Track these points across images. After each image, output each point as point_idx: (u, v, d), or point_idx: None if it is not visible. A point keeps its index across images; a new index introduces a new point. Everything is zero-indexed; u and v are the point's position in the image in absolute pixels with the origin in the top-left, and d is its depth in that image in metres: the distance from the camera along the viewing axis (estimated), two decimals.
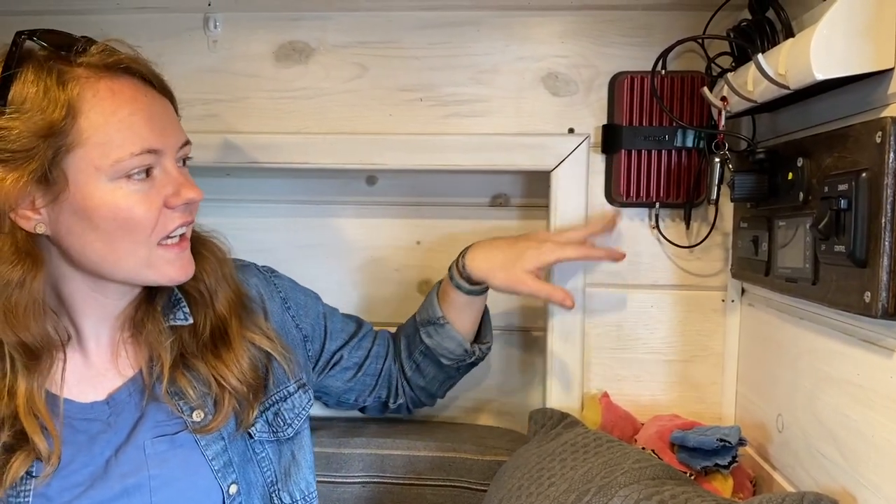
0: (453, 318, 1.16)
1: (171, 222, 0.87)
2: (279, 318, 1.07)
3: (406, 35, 1.24)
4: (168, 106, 0.92)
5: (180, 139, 0.90)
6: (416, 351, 1.19)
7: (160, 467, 0.92)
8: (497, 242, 1.15)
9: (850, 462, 0.83)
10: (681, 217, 1.22)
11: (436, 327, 1.16)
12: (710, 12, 1.12)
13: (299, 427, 1.04)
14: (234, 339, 0.97)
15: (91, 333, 0.94)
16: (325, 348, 1.14)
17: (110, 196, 0.83)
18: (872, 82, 0.78)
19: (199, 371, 0.95)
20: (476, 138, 1.23)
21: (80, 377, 0.93)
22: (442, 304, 1.17)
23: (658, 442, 1.12)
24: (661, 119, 1.18)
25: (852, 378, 0.83)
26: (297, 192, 1.38)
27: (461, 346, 1.17)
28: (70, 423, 0.90)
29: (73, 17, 1.23)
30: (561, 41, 1.22)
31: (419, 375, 1.21)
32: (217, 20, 1.24)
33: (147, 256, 0.87)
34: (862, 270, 0.75)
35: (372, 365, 1.19)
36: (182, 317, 0.96)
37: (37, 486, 0.86)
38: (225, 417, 0.94)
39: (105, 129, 0.82)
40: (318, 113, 1.26)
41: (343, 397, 1.20)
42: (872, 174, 0.74)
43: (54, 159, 0.80)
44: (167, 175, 0.87)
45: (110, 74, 0.85)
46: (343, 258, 1.39)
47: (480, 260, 1.13)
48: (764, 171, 0.98)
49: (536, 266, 1.12)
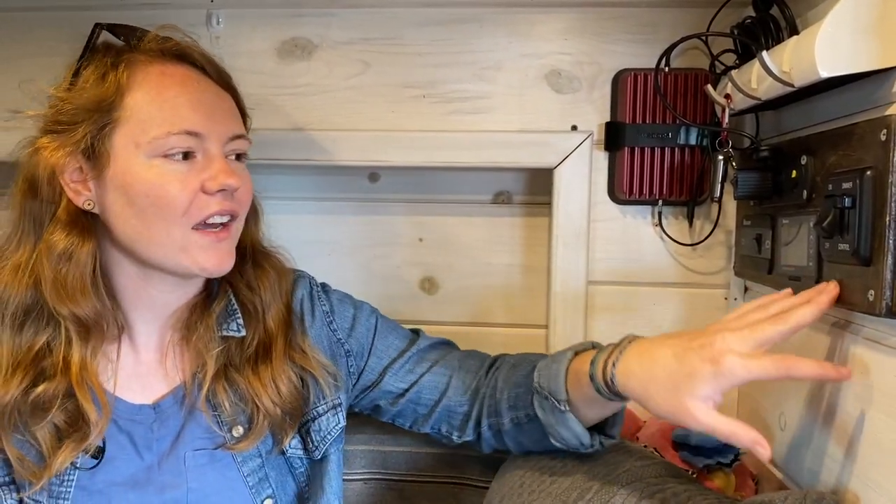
0: (579, 407, 0.91)
1: (207, 207, 0.87)
2: (318, 333, 1.04)
3: (409, 32, 1.24)
4: (224, 97, 0.93)
5: (230, 130, 0.90)
6: (523, 412, 0.98)
7: (199, 481, 0.92)
8: (661, 351, 0.81)
9: (854, 461, 0.83)
10: (684, 215, 1.22)
11: (552, 409, 0.92)
12: (715, 9, 1.11)
13: (327, 450, 1.01)
14: (276, 358, 0.96)
15: (142, 329, 0.95)
16: (367, 365, 1.06)
17: (146, 172, 0.84)
18: (877, 80, 0.78)
19: (238, 385, 0.94)
20: (479, 135, 1.23)
21: (130, 375, 0.94)
22: (570, 387, 0.91)
23: (660, 440, 1.12)
24: (664, 116, 1.18)
25: (856, 377, 0.83)
26: (298, 189, 1.38)
27: (577, 438, 0.93)
28: (115, 421, 0.91)
29: (75, 14, 1.24)
30: (564, 38, 1.22)
31: (517, 433, 1.00)
32: (220, 16, 1.24)
33: (181, 239, 0.86)
34: (866, 269, 0.75)
35: (425, 395, 1.05)
36: (235, 328, 0.96)
37: (80, 478, 0.88)
38: (258, 436, 0.94)
39: (148, 108, 0.85)
40: (320, 109, 1.26)
41: (397, 420, 1.09)
42: (877, 172, 0.74)
43: (100, 134, 0.84)
44: (209, 160, 0.87)
45: (164, 59, 0.89)
46: (345, 255, 1.39)
47: (636, 380, 0.82)
48: (767, 169, 0.98)
49: (712, 391, 0.77)
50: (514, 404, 0.99)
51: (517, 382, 1.00)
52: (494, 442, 1.04)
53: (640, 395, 0.82)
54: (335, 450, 1.02)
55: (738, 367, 0.74)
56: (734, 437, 0.76)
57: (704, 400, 0.76)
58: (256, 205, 1.02)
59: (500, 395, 1.00)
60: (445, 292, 1.38)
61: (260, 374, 0.95)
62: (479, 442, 1.05)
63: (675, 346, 0.80)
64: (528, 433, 0.99)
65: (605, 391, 0.86)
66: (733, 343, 0.76)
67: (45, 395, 0.86)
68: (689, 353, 0.78)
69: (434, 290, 1.38)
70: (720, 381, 0.75)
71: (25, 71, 1.23)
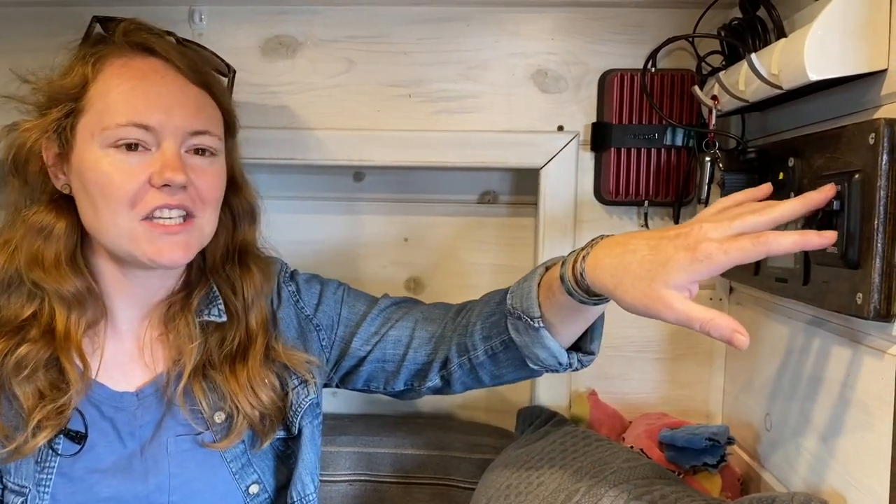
0: (553, 322, 0.90)
1: (152, 201, 0.87)
2: (286, 314, 1.04)
3: (395, 30, 1.23)
4: (192, 92, 0.91)
5: (190, 125, 0.89)
6: (497, 340, 0.96)
7: (181, 467, 0.93)
8: (634, 241, 0.79)
9: (840, 462, 0.83)
10: (670, 215, 1.22)
11: (527, 327, 0.90)
12: (701, 10, 1.12)
13: (300, 424, 0.99)
14: (254, 359, 0.96)
15: (124, 318, 0.96)
16: (337, 336, 1.06)
17: (98, 162, 0.86)
18: (865, 83, 0.79)
19: (215, 383, 0.95)
20: (465, 135, 1.23)
21: (113, 363, 0.94)
22: (543, 300, 0.89)
23: (646, 440, 1.13)
24: (650, 117, 1.18)
25: (842, 378, 0.83)
26: (283, 188, 1.37)
27: (554, 357, 0.91)
28: (98, 408, 0.92)
29: (56, 9, 1.22)
30: (551, 38, 1.22)
31: (493, 364, 0.99)
32: (202, 13, 1.22)
33: (128, 229, 0.87)
34: (854, 272, 0.75)
35: (389, 351, 1.04)
36: (217, 313, 0.97)
37: (61, 465, 0.89)
38: (237, 437, 0.94)
39: (105, 99, 0.87)
40: (304, 108, 1.25)
41: (371, 385, 1.08)
42: (865, 176, 0.74)
43: (67, 121, 0.88)
44: (161, 155, 0.87)
45: (131, 52, 0.91)
46: (329, 255, 1.38)
47: (606, 270, 0.79)
48: (754, 171, 0.98)
49: (689, 279, 0.74)
50: (488, 334, 0.97)
51: (490, 311, 0.98)
52: (468, 379, 1.02)
53: (610, 287, 0.78)
54: (308, 423, 1.00)
55: (716, 250, 0.71)
56: (712, 325, 0.71)
57: (679, 289, 0.73)
58: (253, 206, 1.03)
59: (473, 329, 0.98)
60: (431, 292, 1.37)
61: (237, 374, 0.95)
62: (448, 385, 1.04)
63: (649, 236, 0.78)
64: (503, 361, 0.98)
65: (575, 290, 0.83)
66: (710, 231, 0.73)
67: (28, 356, 0.88)
68: (664, 242, 0.75)
69: (420, 290, 1.38)
70: (697, 267, 0.72)
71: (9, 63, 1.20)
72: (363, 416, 1.34)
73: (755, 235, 0.71)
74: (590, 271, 0.80)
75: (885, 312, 0.73)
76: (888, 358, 0.74)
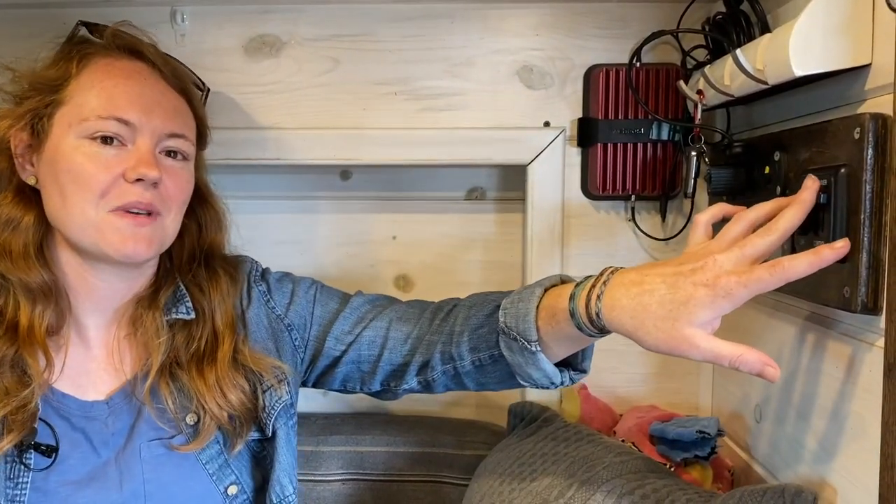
0: (550, 345, 0.88)
1: (124, 195, 0.87)
2: (256, 313, 1.03)
3: (379, 28, 1.22)
4: (172, 97, 0.94)
5: (167, 127, 0.91)
6: (486, 353, 0.95)
7: (156, 472, 0.92)
8: (649, 279, 0.77)
9: (830, 453, 0.84)
10: (657, 209, 1.23)
11: (522, 349, 0.88)
12: (685, 4, 1.12)
13: (274, 426, 0.99)
14: (222, 360, 0.96)
15: (90, 324, 0.95)
16: (310, 335, 1.05)
17: (72, 151, 0.87)
18: (849, 77, 0.79)
19: (182, 383, 0.94)
20: (451, 132, 1.22)
21: (81, 372, 0.94)
22: (542, 325, 0.87)
23: (637, 434, 1.13)
24: (636, 112, 1.18)
25: (831, 370, 0.84)
26: (269, 188, 1.36)
27: (548, 378, 0.90)
28: (68, 419, 0.91)
29: (38, 11, 1.21)
30: (536, 34, 1.21)
31: (479, 374, 0.98)
32: (185, 13, 1.21)
33: (95, 220, 0.87)
34: (841, 265, 0.76)
35: (364, 351, 1.03)
36: (185, 311, 0.97)
37: (34, 480, 0.88)
38: (205, 439, 0.93)
39: (87, 94, 0.89)
40: (290, 107, 1.24)
41: (348, 385, 1.07)
42: (851, 170, 0.74)
43: (44, 112, 0.89)
44: (137, 150, 0.89)
45: (117, 53, 0.93)
46: (318, 254, 1.37)
47: (625, 312, 0.78)
48: (740, 165, 0.98)
49: (712, 316, 0.74)
50: (475, 346, 0.96)
51: (479, 324, 0.96)
52: (451, 384, 1.02)
53: (630, 329, 0.77)
54: (282, 425, 0.99)
55: (736, 285, 0.71)
56: (741, 360, 0.72)
57: (703, 327, 0.74)
58: (217, 209, 1.04)
59: (460, 339, 0.97)
60: (420, 289, 1.37)
61: (204, 374, 0.94)
62: (428, 389, 1.03)
63: (664, 273, 0.76)
64: (491, 373, 0.97)
65: (588, 328, 0.81)
66: (726, 264, 0.73)
67: None
68: (681, 279, 0.75)
69: (409, 288, 1.38)
70: (720, 303, 0.72)
71: None
72: (354, 415, 1.34)
73: (771, 265, 0.71)
74: (607, 312, 0.79)
75: (872, 305, 0.73)
76: (875, 350, 0.75)
